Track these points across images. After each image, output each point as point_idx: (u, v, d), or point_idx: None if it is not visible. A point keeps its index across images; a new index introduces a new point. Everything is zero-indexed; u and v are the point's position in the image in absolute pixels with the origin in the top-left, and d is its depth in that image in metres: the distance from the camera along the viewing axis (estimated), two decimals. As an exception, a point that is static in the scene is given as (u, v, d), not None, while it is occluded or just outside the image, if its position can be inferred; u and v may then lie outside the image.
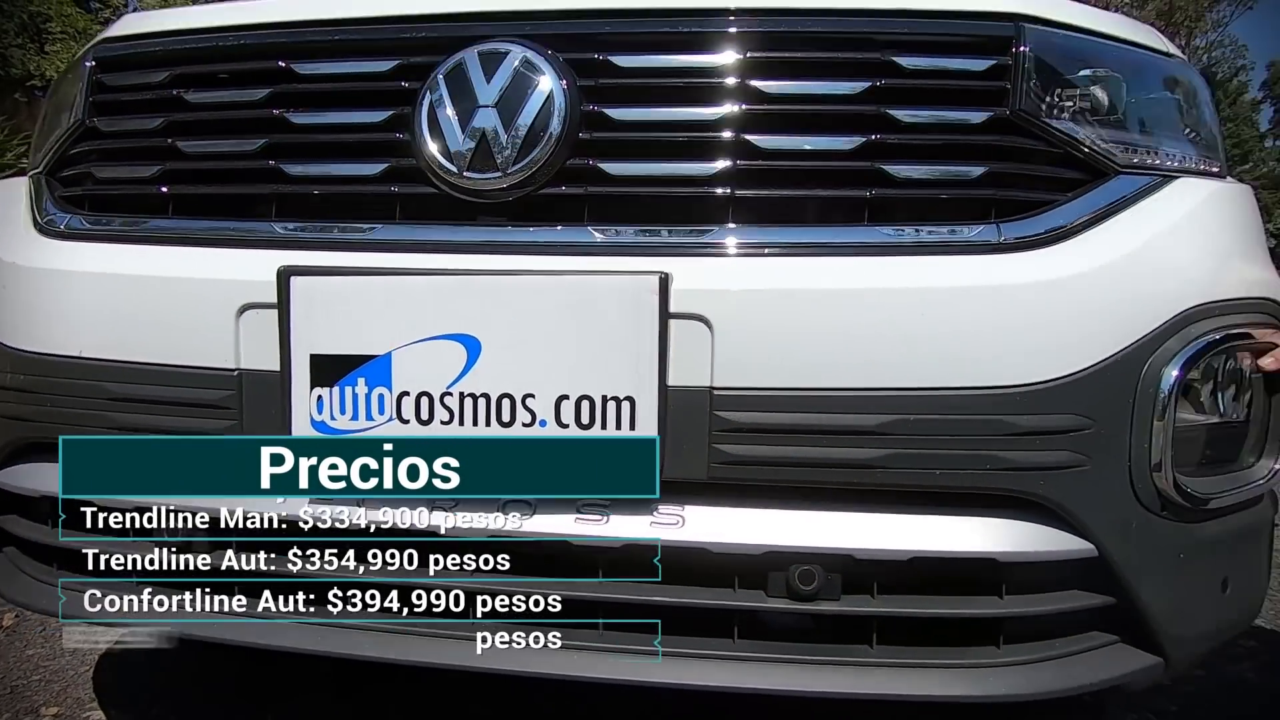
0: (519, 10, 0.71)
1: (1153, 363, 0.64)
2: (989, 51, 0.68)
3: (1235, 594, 0.73)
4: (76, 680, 1.17)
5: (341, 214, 0.71)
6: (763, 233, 0.64)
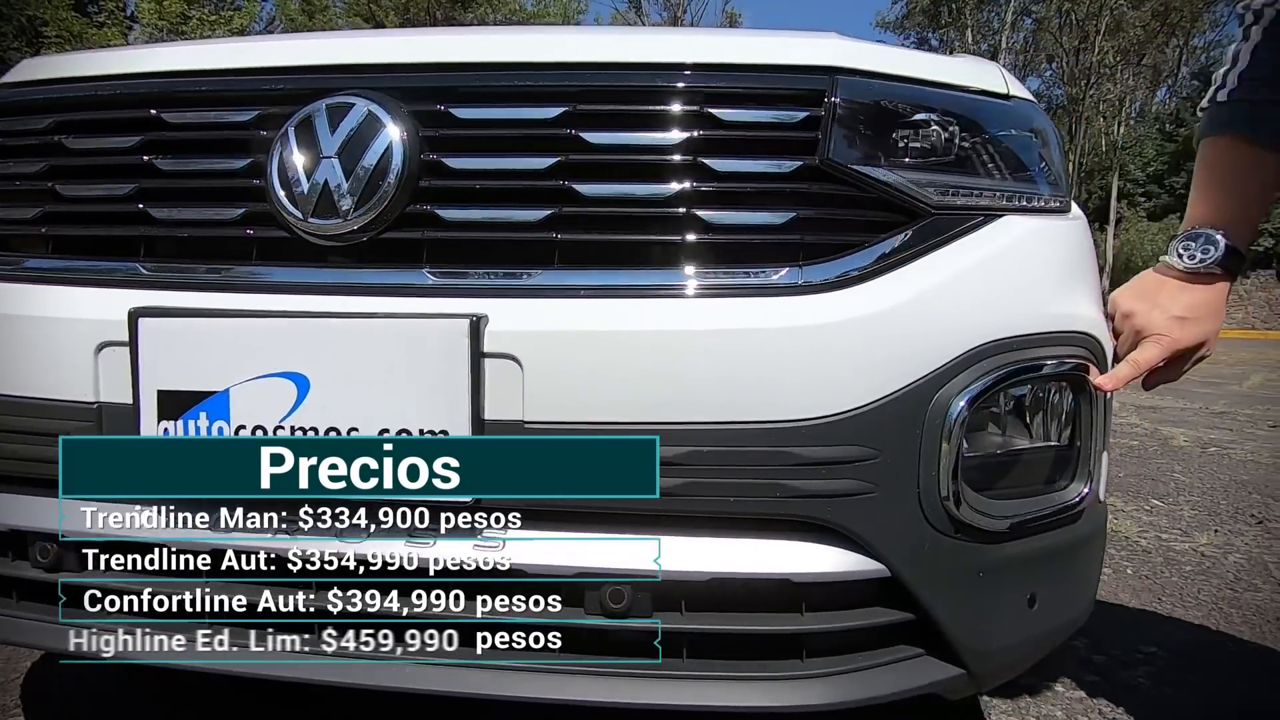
0: (369, 64, 0.76)
1: (940, 396, 0.68)
2: (802, 103, 0.73)
3: (1045, 609, 0.78)
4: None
5: (206, 256, 0.76)
6: (577, 276, 0.69)
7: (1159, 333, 0.79)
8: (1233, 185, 0.79)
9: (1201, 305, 0.79)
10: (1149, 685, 1.32)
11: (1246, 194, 0.78)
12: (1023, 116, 0.88)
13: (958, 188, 0.79)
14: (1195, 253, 0.78)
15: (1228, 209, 0.78)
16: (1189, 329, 0.79)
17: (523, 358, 0.65)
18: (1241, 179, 0.78)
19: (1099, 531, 0.85)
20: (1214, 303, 0.79)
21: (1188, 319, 0.79)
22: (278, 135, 0.73)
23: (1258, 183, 0.78)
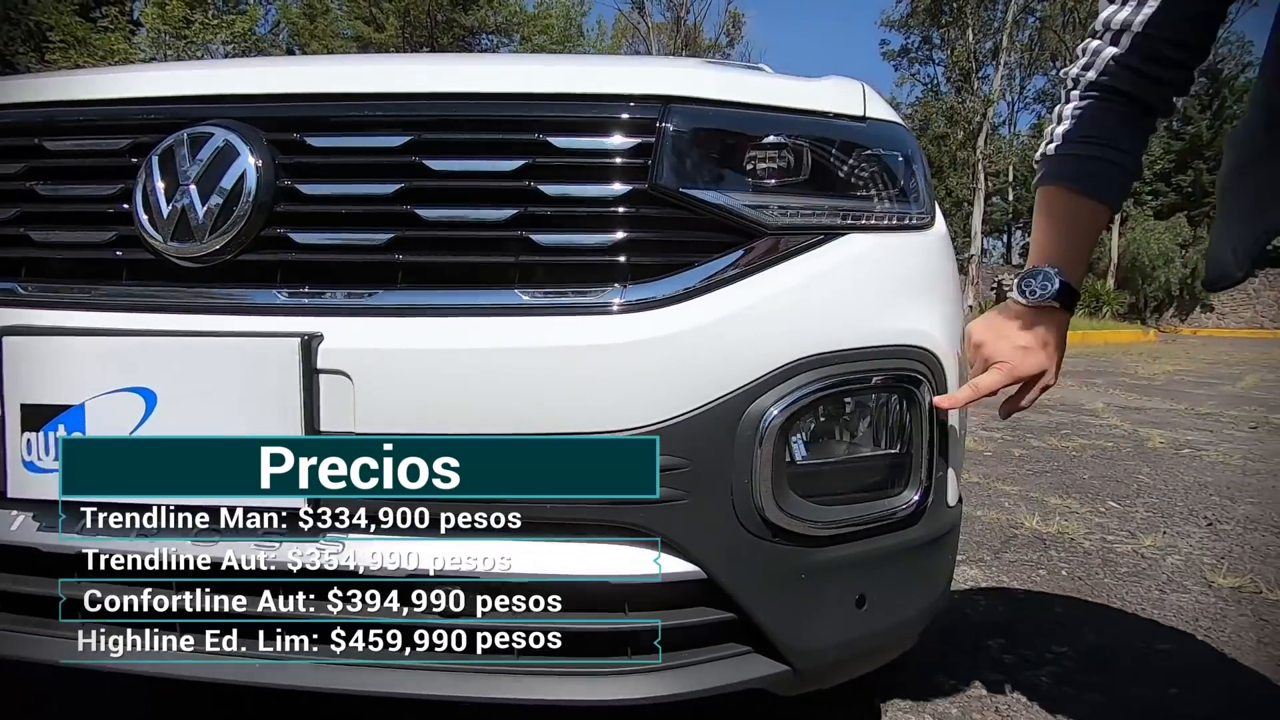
0: (232, 94, 0.81)
1: (753, 409, 0.73)
2: (633, 131, 0.77)
3: (877, 610, 0.82)
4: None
5: (85, 277, 0.81)
6: (416, 295, 0.74)
7: (1002, 360, 0.87)
8: (1063, 229, 0.88)
9: (1042, 337, 0.87)
10: (1049, 685, 1.35)
11: (1075, 236, 0.87)
12: (878, 137, 0.92)
13: (798, 208, 0.83)
14: (1035, 289, 0.86)
15: (1061, 250, 0.87)
16: (1029, 358, 0.87)
17: (353, 373, 0.70)
18: (1070, 223, 0.87)
19: (944, 534, 0.89)
20: (1054, 335, 0.87)
21: (1029, 349, 0.87)
22: (144, 162, 0.78)
23: (1083, 226, 0.87)
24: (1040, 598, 1.76)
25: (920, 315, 0.86)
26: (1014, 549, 2.10)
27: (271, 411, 0.69)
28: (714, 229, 0.79)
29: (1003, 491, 2.75)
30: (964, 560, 1.98)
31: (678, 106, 0.79)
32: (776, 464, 0.74)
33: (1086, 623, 1.63)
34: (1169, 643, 1.54)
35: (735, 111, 0.83)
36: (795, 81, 0.93)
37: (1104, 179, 0.85)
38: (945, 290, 0.94)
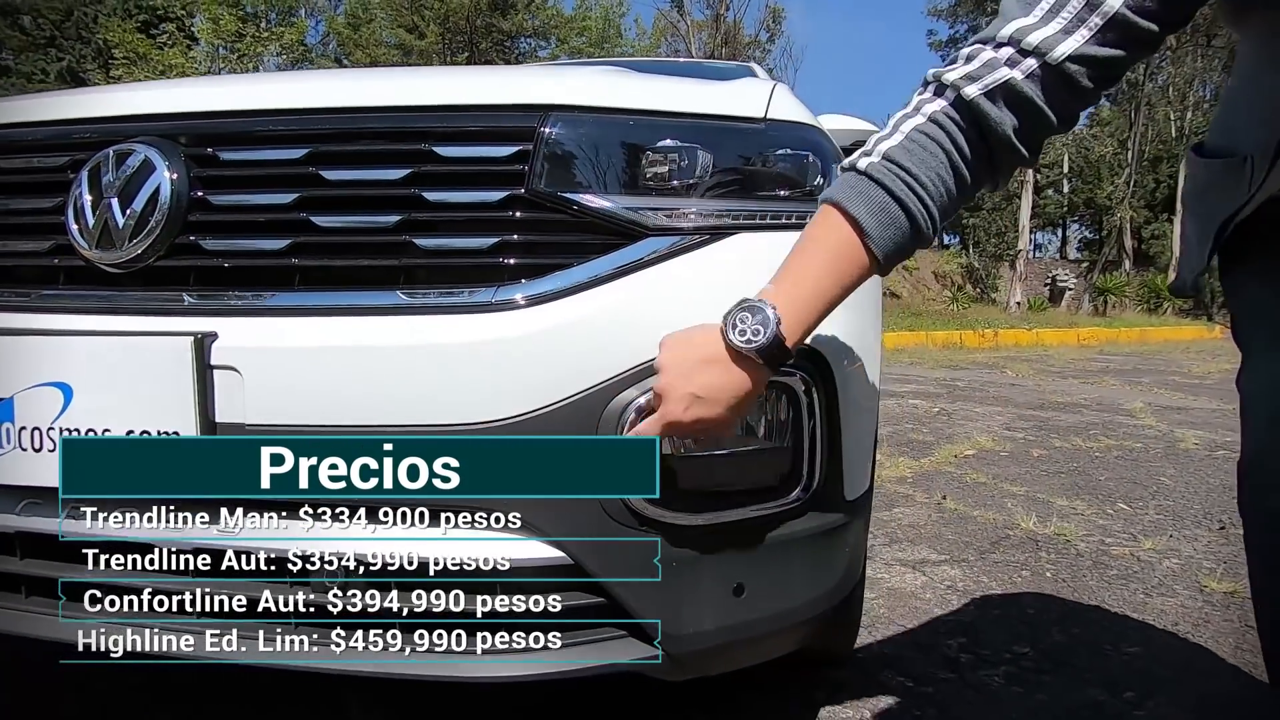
0: (157, 114, 0.88)
1: (616, 403, 0.76)
2: (514, 139, 0.81)
3: (756, 599, 0.84)
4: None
5: (30, 282, 0.89)
6: (300, 297, 0.79)
7: (666, 403, 0.67)
8: (822, 266, 0.66)
9: (728, 389, 0.66)
10: (1000, 684, 1.34)
11: (828, 281, 0.66)
12: (779, 138, 0.94)
13: (684, 211, 0.85)
14: (746, 330, 0.65)
15: (802, 289, 0.66)
16: (696, 410, 0.66)
17: (242, 369, 0.76)
18: (832, 263, 0.65)
19: (837, 527, 0.90)
20: (743, 391, 0.66)
21: (704, 399, 0.66)
22: (76, 178, 0.85)
23: (841, 274, 0.66)
24: (1015, 599, 1.73)
25: (810, 312, 0.88)
26: (1003, 550, 2.07)
27: (170, 405, 0.76)
28: (592, 231, 0.82)
29: (1008, 492, 2.69)
30: (946, 560, 1.96)
31: (558, 115, 0.82)
32: (642, 456, 0.77)
33: (1057, 623, 1.59)
34: (1138, 645, 1.50)
35: (620, 118, 0.86)
36: (698, 85, 0.96)
37: (899, 235, 0.64)
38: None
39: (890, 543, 2.11)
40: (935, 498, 2.57)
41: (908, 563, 1.95)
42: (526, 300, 0.77)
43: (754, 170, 0.91)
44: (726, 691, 1.30)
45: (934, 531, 2.22)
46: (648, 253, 0.82)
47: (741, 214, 0.89)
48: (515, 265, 0.79)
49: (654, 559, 0.78)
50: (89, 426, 0.78)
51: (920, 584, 1.81)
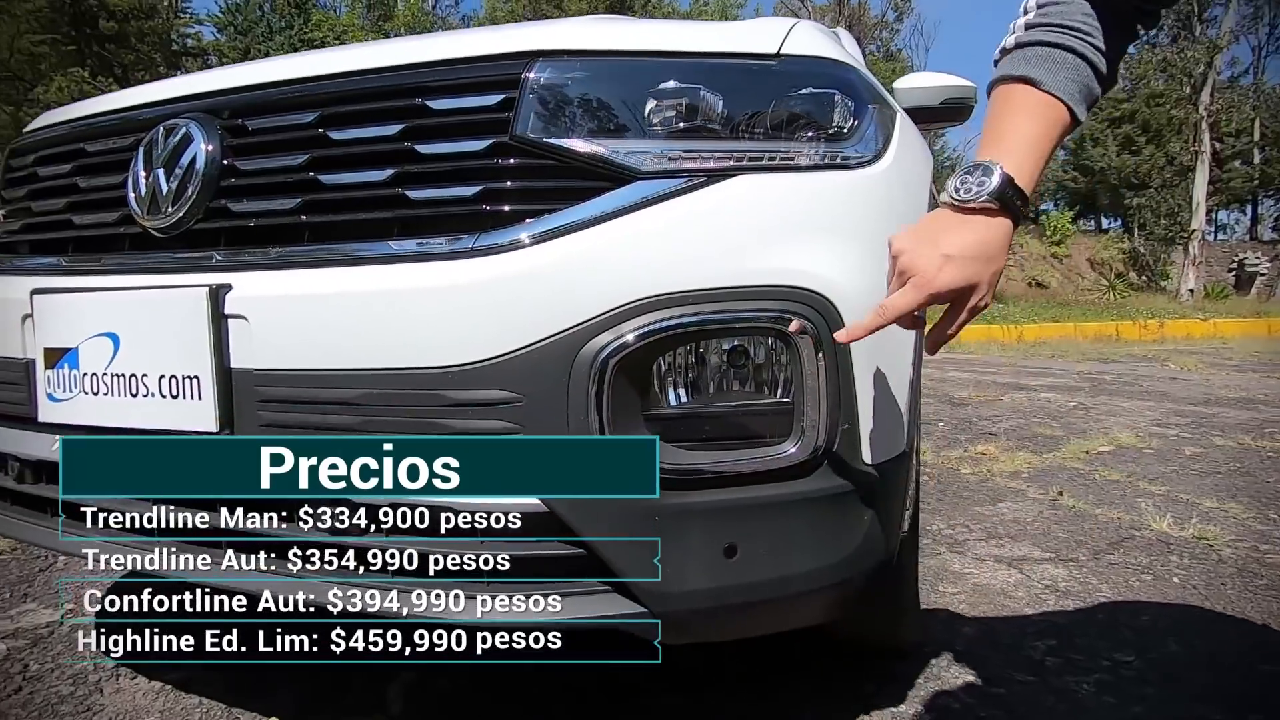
0: (200, 93, 0.96)
1: (588, 348, 0.73)
2: (500, 87, 0.81)
3: (751, 562, 0.78)
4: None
5: (99, 249, 1.01)
6: (300, 250, 0.83)
7: (919, 273, 0.71)
8: (1016, 124, 0.74)
9: (974, 245, 0.70)
10: (1089, 692, 1.18)
11: (1029, 133, 0.73)
12: (794, 75, 0.88)
13: (679, 153, 0.82)
14: (971, 185, 0.71)
15: (1007, 145, 0.73)
16: (951, 270, 0.70)
17: (250, 316, 0.81)
18: (1025, 120, 0.74)
19: (848, 492, 0.82)
20: (989, 243, 0.71)
21: (954, 258, 0.70)
22: (135, 154, 0.95)
23: (1039, 126, 0.73)
24: (1128, 604, 1.52)
25: (817, 257, 0.81)
26: (1123, 551, 1.82)
27: (191, 351, 0.83)
28: (580, 176, 0.80)
29: (1144, 491, 2.37)
30: (1050, 559, 1.76)
31: (544, 61, 0.81)
32: (620, 403, 0.74)
33: (1175, 633, 1.38)
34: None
35: (613, 60, 0.84)
36: (705, 26, 0.92)
37: (1068, 74, 0.73)
38: (876, 231, 0.88)
39: (987, 537, 1.92)
40: (1051, 493, 2.32)
41: (1003, 559, 1.76)
42: (501, 246, 0.76)
43: (764, 110, 0.86)
44: (769, 674, 1.23)
45: (1042, 528, 1.99)
46: (637, 197, 0.79)
47: (746, 155, 0.83)
48: (496, 212, 0.79)
49: (638, 512, 0.75)
50: (130, 371, 0.86)
51: (1013, 581, 1.63)
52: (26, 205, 1.10)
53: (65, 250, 1.03)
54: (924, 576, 1.64)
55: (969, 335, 8.35)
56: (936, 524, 2.03)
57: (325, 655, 0.85)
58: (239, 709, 1.14)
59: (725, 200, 0.80)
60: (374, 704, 1.16)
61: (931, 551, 1.81)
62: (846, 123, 0.91)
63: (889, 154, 0.94)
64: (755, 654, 1.28)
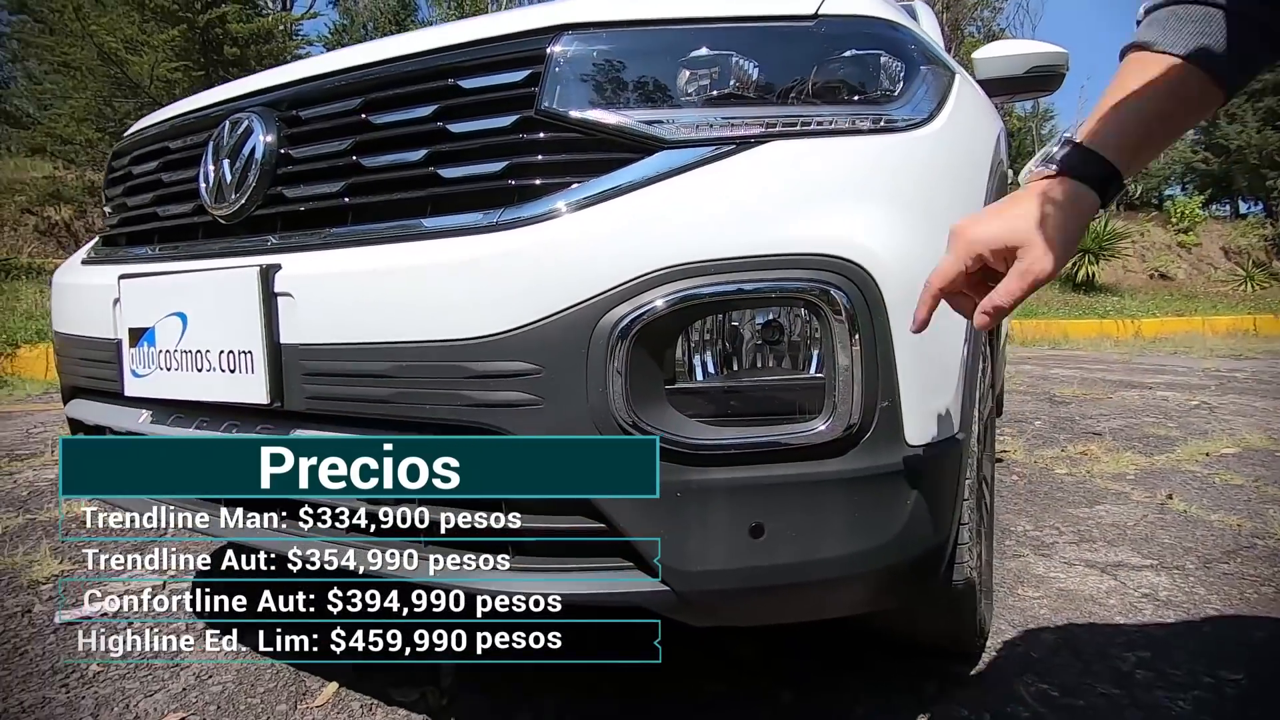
0: (264, 88, 1.02)
1: (607, 319, 0.72)
2: (526, 63, 0.82)
3: (779, 543, 0.75)
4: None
5: (179, 237, 1.09)
6: (345, 230, 0.87)
7: (958, 228, 0.66)
8: (1113, 94, 0.64)
9: (1027, 209, 0.63)
10: (1184, 711, 1.06)
11: (1128, 99, 0.63)
12: (835, 37, 0.85)
13: (705, 121, 0.80)
14: (1039, 160, 0.65)
15: (1112, 120, 0.63)
16: (992, 223, 0.64)
17: (296, 294, 0.85)
18: (1157, 95, 0.62)
19: (889, 474, 0.78)
20: (1050, 210, 0.63)
21: (1000, 214, 0.64)
22: (206, 148, 1.02)
23: (1175, 101, 0.63)
24: (1241, 619, 1.36)
25: (854, 225, 0.77)
26: (1239, 561, 1.63)
27: (245, 328, 0.88)
28: (605, 148, 0.80)
29: (1272, 497, 2.12)
30: (1151, 565, 1.60)
31: (569, 34, 0.81)
32: (640, 376, 0.73)
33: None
34: None
35: (639, 29, 0.83)
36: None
37: (1193, 28, 0.61)
38: (925, 198, 0.83)
39: (1079, 541, 1.77)
40: (1159, 497, 2.11)
41: (1096, 564, 1.62)
42: (522, 220, 0.77)
43: (800, 75, 0.82)
44: (822, 668, 1.18)
45: (1144, 533, 1.82)
46: (662, 167, 0.77)
47: (779, 120, 0.80)
48: (522, 187, 0.80)
49: (667, 488, 0.73)
50: (196, 348, 0.93)
51: (1106, 588, 1.49)
52: (123, 201, 1.20)
53: (151, 240, 1.13)
54: (1002, 579, 1.53)
55: (1076, 330, 7.77)
56: (1022, 525, 1.89)
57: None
58: (305, 673, 1.21)
59: (753, 167, 0.77)
60: (427, 676, 1.19)
61: (1013, 553, 1.69)
62: (894, 84, 0.86)
63: (941, 117, 0.88)
64: (808, 646, 1.23)
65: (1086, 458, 2.60)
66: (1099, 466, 2.48)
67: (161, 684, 1.19)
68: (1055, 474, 2.41)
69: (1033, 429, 3.14)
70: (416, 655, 0.91)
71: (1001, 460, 2.56)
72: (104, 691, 1.17)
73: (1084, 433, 3.04)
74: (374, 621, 0.89)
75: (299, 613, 0.88)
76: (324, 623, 0.89)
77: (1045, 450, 2.73)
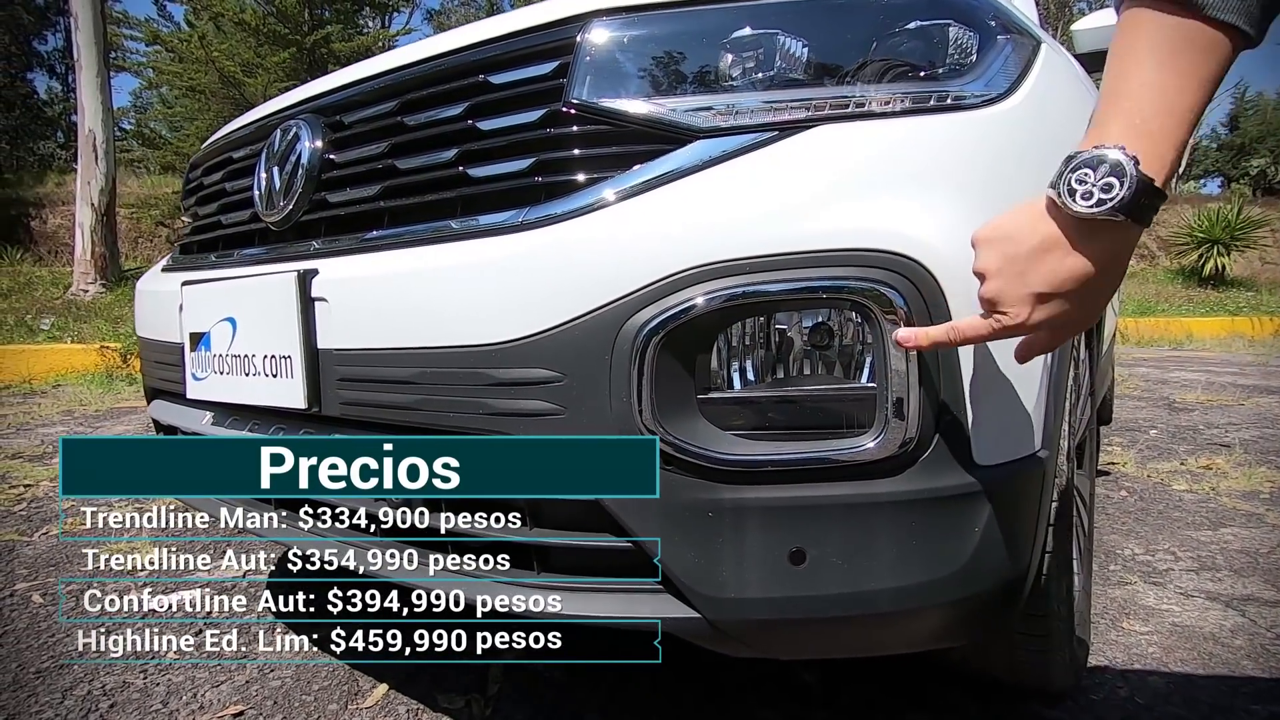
0: (312, 96, 1.03)
1: (631, 323, 0.67)
2: (556, 54, 0.78)
3: (823, 571, 0.68)
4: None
5: (237, 244, 1.12)
6: (377, 235, 0.85)
7: (1005, 308, 0.55)
8: (1157, 75, 0.50)
9: (1081, 276, 0.52)
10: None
11: (1177, 86, 0.50)
12: (889, 8, 0.76)
13: (744, 107, 0.74)
14: (1094, 190, 0.51)
15: (1143, 113, 0.50)
16: (1042, 312, 0.54)
17: (330, 298, 0.85)
18: (1170, 62, 0.49)
19: (956, 497, 0.69)
20: (1107, 266, 0.53)
21: (1050, 296, 0.53)
22: (260, 156, 1.05)
23: (1193, 68, 0.49)
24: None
25: (911, 216, 0.68)
26: (1404, 600, 1.40)
27: (285, 332, 0.88)
28: (637, 140, 0.74)
29: None
30: (1245, 600, 1.39)
31: (600, 21, 0.77)
32: (669, 383, 0.67)
33: None
34: None
35: (675, 11, 0.77)
36: None
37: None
38: (999, 183, 0.73)
39: (1199, 569, 1.57)
40: (1300, 521, 1.85)
41: (1218, 597, 1.42)
42: (546, 219, 0.72)
43: (855, 51, 0.74)
44: (886, 702, 1.08)
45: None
46: (694, 159, 0.71)
47: (828, 103, 0.73)
48: (550, 184, 0.76)
49: (689, 506, 0.68)
50: (245, 352, 0.94)
51: (1231, 626, 1.31)
52: (195, 210, 1.26)
53: (215, 247, 1.17)
54: (1105, 609, 1.37)
55: (1202, 329, 7.05)
56: (1130, 547, 1.70)
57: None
58: (359, 673, 1.22)
59: (799, 155, 0.70)
60: (473, 683, 1.18)
61: (1119, 580, 1.51)
62: (965, 57, 0.77)
63: (1021, 92, 0.78)
64: (874, 678, 1.13)
65: (1211, 472, 2.32)
66: (1226, 483, 2.21)
67: (228, 675, 1.24)
68: (1172, 490, 2.16)
69: (1147, 439, 2.85)
70: (417, 655, 0.89)
71: (1108, 474, 2.33)
72: (176, 680, 1.22)
73: (1208, 444, 2.73)
74: (376, 622, 0.88)
75: (361, 613, 0.88)
76: (371, 623, 0.89)
77: (1161, 463, 2.47)
